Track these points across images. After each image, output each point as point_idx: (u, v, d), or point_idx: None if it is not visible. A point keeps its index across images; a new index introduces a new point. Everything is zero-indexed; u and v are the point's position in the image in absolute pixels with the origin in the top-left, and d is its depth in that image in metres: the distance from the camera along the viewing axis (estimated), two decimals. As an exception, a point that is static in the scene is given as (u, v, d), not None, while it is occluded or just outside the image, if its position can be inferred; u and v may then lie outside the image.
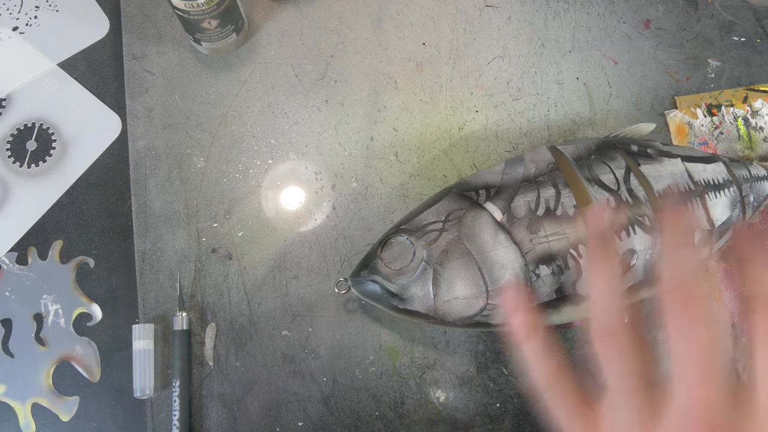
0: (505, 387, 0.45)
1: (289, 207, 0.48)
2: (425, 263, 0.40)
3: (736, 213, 0.44)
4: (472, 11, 0.54)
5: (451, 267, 0.39)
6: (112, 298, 0.48)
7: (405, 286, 0.40)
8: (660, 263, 0.26)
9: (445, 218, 0.40)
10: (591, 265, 0.27)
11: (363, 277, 0.41)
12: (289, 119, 0.50)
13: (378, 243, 0.42)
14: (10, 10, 0.53)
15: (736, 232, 0.27)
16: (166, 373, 0.45)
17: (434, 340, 0.46)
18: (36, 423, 0.45)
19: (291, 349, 0.45)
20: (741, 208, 0.44)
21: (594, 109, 0.52)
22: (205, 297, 0.46)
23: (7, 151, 0.50)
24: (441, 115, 0.51)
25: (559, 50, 0.53)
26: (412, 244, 0.40)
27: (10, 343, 0.46)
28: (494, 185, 0.41)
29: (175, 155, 0.49)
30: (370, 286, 0.41)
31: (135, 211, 0.48)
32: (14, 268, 0.48)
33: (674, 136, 0.52)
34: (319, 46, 0.52)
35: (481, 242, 0.39)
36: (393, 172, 0.49)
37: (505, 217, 0.39)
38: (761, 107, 0.53)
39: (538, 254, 0.39)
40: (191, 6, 0.44)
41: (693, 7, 0.56)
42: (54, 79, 0.52)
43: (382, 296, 0.41)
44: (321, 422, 0.44)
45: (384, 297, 0.41)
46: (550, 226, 0.39)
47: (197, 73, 0.51)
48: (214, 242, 0.47)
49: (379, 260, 0.41)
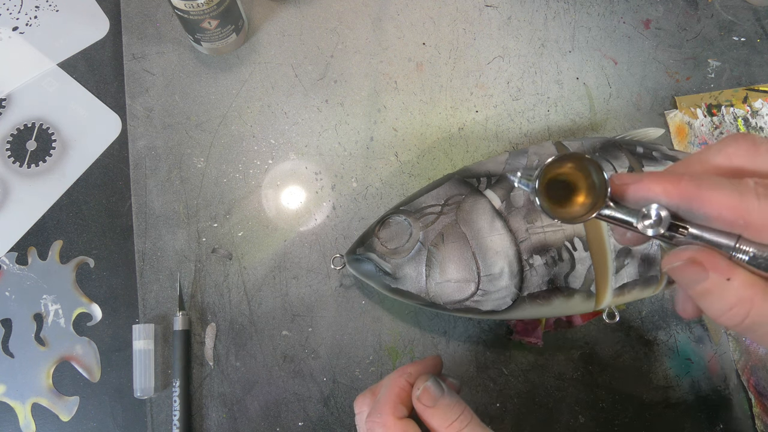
0: (505, 387, 0.45)
1: (289, 207, 0.48)
2: (420, 244, 0.40)
3: None
4: (472, 11, 0.54)
5: (445, 250, 0.39)
6: (112, 298, 0.48)
7: (399, 265, 0.40)
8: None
9: (444, 202, 0.41)
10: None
11: (359, 254, 0.41)
12: (289, 119, 0.50)
13: (377, 222, 0.42)
14: (10, 10, 0.53)
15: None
16: (166, 373, 0.45)
17: (434, 341, 0.46)
18: (36, 423, 0.45)
19: (291, 349, 0.45)
20: None
21: (594, 109, 0.52)
22: (205, 297, 0.46)
23: (7, 151, 0.50)
24: (441, 115, 0.51)
25: (559, 50, 0.53)
26: (409, 224, 0.40)
27: (10, 343, 0.46)
28: (496, 174, 0.41)
29: (175, 155, 0.49)
30: (365, 264, 0.41)
31: (135, 211, 0.48)
32: (14, 268, 0.48)
33: (674, 136, 0.52)
34: (319, 46, 0.52)
35: (478, 228, 0.39)
36: (393, 172, 0.49)
37: (503, 206, 0.40)
38: (761, 107, 0.53)
39: (533, 244, 0.39)
40: (191, 6, 0.44)
41: (693, 7, 0.56)
42: (54, 79, 0.52)
43: (376, 274, 0.41)
44: (321, 422, 0.44)
45: (377, 275, 0.41)
46: (547, 218, 0.39)
47: (197, 73, 0.51)
48: (214, 242, 0.47)
49: (375, 238, 0.41)
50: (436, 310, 0.41)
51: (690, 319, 0.27)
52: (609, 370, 0.46)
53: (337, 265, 0.45)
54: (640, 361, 0.47)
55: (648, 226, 0.23)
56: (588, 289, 0.39)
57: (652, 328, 0.47)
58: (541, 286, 0.39)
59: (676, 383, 0.46)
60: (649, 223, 0.23)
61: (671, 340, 0.47)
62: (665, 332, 0.47)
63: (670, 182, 0.22)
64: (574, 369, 0.46)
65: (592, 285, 0.39)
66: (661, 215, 0.23)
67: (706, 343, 0.47)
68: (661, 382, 0.46)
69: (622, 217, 0.24)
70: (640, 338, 0.47)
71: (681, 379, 0.46)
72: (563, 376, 0.46)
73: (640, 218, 0.23)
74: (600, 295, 0.40)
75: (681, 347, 0.47)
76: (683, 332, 0.47)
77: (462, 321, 0.46)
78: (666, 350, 0.47)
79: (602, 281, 0.39)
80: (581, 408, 0.45)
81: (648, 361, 0.47)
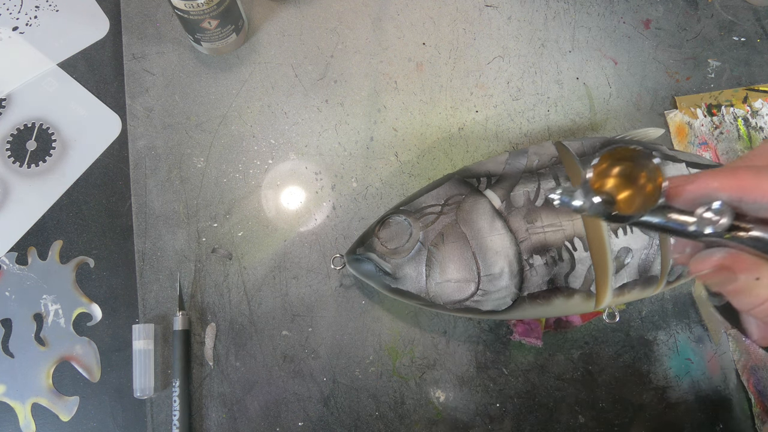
0: (505, 387, 0.45)
1: (289, 207, 0.48)
2: (420, 244, 0.40)
3: None
4: (472, 11, 0.54)
5: (445, 250, 0.39)
6: (112, 298, 0.48)
7: (399, 265, 0.40)
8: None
9: (444, 202, 0.41)
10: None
11: (359, 254, 0.41)
12: (289, 119, 0.50)
13: (377, 222, 0.42)
14: (10, 10, 0.53)
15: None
16: (166, 373, 0.45)
17: (434, 340, 0.46)
18: (36, 423, 0.45)
19: (291, 349, 0.45)
20: None
21: (594, 109, 0.52)
22: (205, 297, 0.46)
23: (7, 151, 0.50)
24: (441, 115, 0.51)
25: (559, 50, 0.53)
26: (409, 224, 0.40)
27: (10, 343, 0.46)
28: (496, 174, 0.41)
29: (175, 155, 0.49)
30: (365, 264, 0.41)
31: (135, 211, 0.48)
32: (14, 268, 0.48)
33: (674, 136, 0.52)
34: (319, 46, 0.52)
35: (478, 228, 0.39)
36: (393, 172, 0.49)
37: (503, 205, 0.40)
38: (761, 107, 0.53)
39: (533, 244, 0.39)
40: (191, 6, 0.44)
41: (693, 7, 0.56)
42: (54, 79, 0.52)
43: (376, 274, 0.41)
44: (321, 422, 0.44)
45: (377, 275, 0.41)
46: (547, 218, 0.39)
47: (197, 73, 0.51)
48: (214, 242, 0.47)
49: (375, 238, 0.41)
50: (436, 310, 0.41)
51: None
52: (609, 370, 0.46)
53: (337, 265, 0.45)
54: (640, 361, 0.47)
55: (707, 222, 0.22)
56: (588, 289, 0.39)
57: (652, 328, 0.47)
58: (541, 286, 0.39)
59: (676, 383, 0.46)
60: (708, 219, 0.22)
61: (671, 340, 0.47)
62: (665, 332, 0.47)
63: (727, 175, 0.23)
64: (574, 369, 0.46)
65: (592, 285, 0.39)
66: (720, 211, 0.22)
67: (706, 343, 0.47)
68: (661, 382, 0.46)
69: (678, 217, 0.23)
70: (640, 338, 0.47)
71: (681, 379, 0.46)
72: (563, 376, 0.46)
73: (700, 217, 0.23)
74: (600, 295, 0.40)
75: (681, 347, 0.47)
76: (683, 332, 0.47)
77: (462, 321, 0.46)
78: (666, 350, 0.47)
79: (602, 281, 0.39)
80: (581, 408, 0.45)
81: (648, 361, 0.47)
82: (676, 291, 0.48)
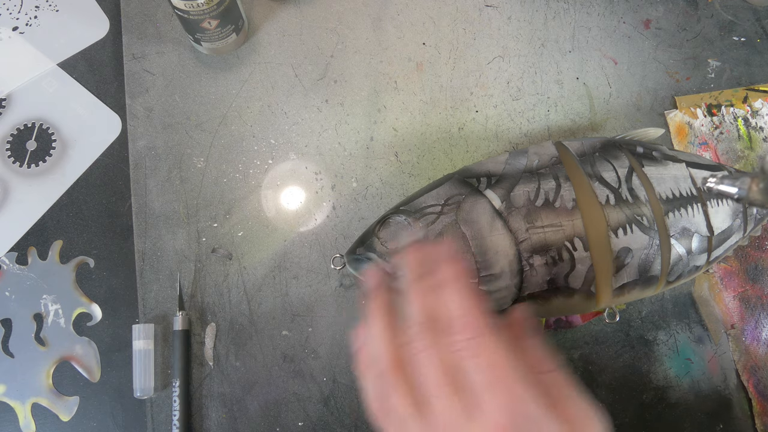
0: (505, 387, 0.45)
1: (289, 207, 0.48)
2: None
3: (738, 223, 0.44)
4: (472, 11, 0.54)
5: None
6: (112, 298, 0.48)
7: (399, 265, 0.40)
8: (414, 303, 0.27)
9: (444, 202, 0.41)
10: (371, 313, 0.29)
11: (359, 254, 0.41)
12: (289, 119, 0.50)
13: (377, 222, 0.42)
14: (10, 10, 0.53)
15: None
16: (166, 373, 0.45)
17: (434, 340, 0.46)
18: (36, 423, 0.45)
19: (291, 349, 0.45)
20: (743, 220, 0.44)
21: (594, 109, 0.52)
22: (205, 297, 0.46)
23: (7, 151, 0.50)
24: (441, 115, 0.51)
25: (559, 50, 0.53)
26: (409, 224, 0.40)
27: (10, 343, 0.46)
28: (496, 174, 0.41)
29: (175, 155, 0.49)
30: (365, 264, 0.41)
31: (135, 211, 0.48)
32: (14, 268, 0.48)
33: (674, 136, 0.52)
34: (319, 46, 0.52)
35: (478, 227, 0.39)
36: (393, 172, 0.49)
37: (503, 205, 0.40)
38: (761, 107, 0.53)
39: (533, 244, 0.39)
40: (191, 6, 0.44)
41: (693, 7, 0.56)
42: (54, 79, 0.52)
43: None
44: (321, 422, 0.44)
45: None
46: (547, 217, 0.39)
47: (197, 73, 0.51)
48: (214, 242, 0.47)
49: (375, 238, 0.41)
50: None
51: None
52: (609, 370, 0.46)
53: (337, 265, 0.45)
54: (640, 361, 0.47)
55: None
56: (588, 289, 0.39)
57: (652, 328, 0.47)
58: (541, 286, 0.39)
59: (676, 383, 0.46)
60: None
61: (671, 340, 0.47)
62: (665, 332, 0.47)
63: None
64: (574, 369, 0.46)
65: (592, 285, 0.39)
66: None
67: (706, 343, 0.47)
68: (661, 382, 0.46)
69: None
70: (640, 338, 0.47)
71: (681, 379, 0.46)
72: (563, 376, 0.46)
73: None
74: (600, 295, 0.40)
75: (681, 347, 0.47)
76: (683, 332, 0.47)
77: (462, 321, 0.46)
78: (666, 350, 0.47)
79: (602, 281, 0.39)
80: (581, 408, 0.45)
81: (648, 361, 0.47)
82: (676, 291, 0.48)
